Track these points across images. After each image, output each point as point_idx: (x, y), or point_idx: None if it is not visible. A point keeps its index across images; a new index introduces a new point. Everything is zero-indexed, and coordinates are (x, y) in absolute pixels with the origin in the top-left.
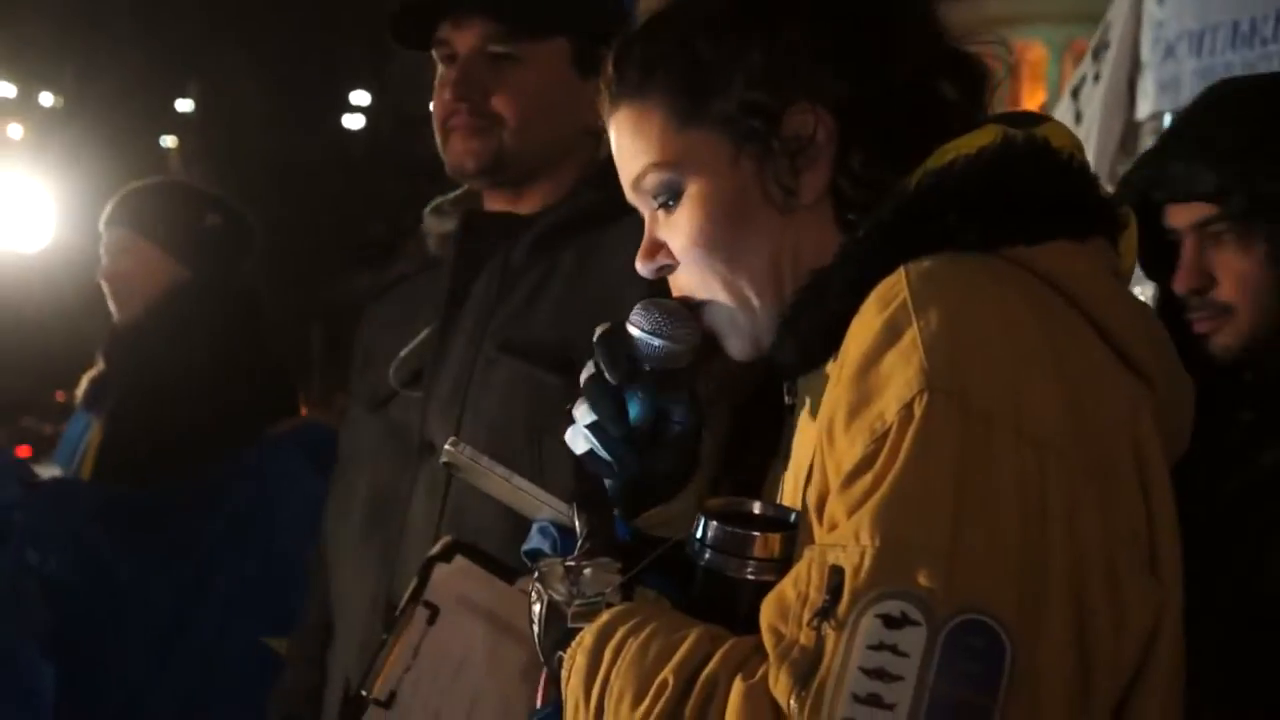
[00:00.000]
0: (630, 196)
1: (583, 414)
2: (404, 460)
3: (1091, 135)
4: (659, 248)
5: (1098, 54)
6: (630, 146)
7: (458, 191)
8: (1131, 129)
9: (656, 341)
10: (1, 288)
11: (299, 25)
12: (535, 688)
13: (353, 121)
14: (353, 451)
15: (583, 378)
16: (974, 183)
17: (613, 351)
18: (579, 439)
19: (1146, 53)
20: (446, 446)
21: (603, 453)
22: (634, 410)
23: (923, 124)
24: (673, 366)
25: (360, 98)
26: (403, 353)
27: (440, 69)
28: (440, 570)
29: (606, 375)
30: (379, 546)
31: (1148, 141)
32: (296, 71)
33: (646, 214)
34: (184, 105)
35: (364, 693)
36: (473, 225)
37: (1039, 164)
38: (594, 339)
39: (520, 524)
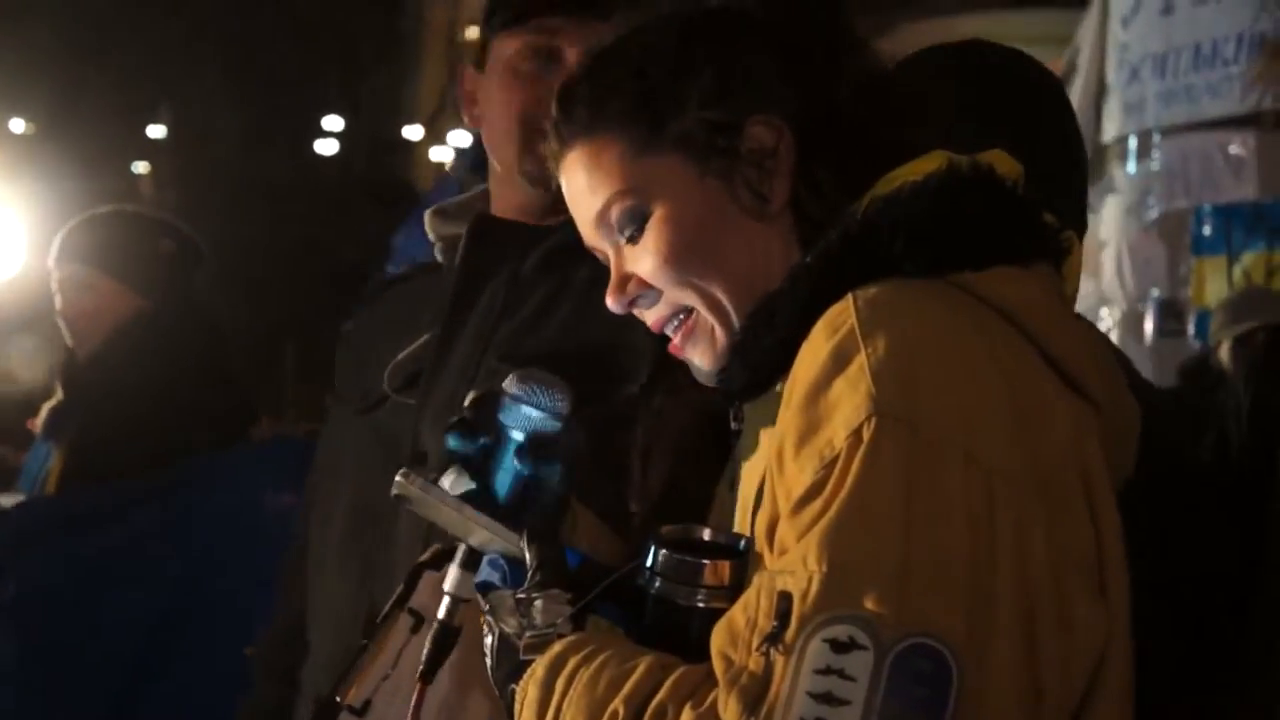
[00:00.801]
0: (590, 238)
1: (453, 483)
2: (392, 468)
3: None
4: (628, 280)
5: (1067, 78)
6: (587, 184)
7: (463, 195)
8: (1098, 151)
9: (533, 412)
10: None
11: (272, 51)
12: None
13: (325, 146)
14: (336, 456)
15: (447, 442)
16: (920, 209)
17: (486, 418)
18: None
19: (1112, 75)
20: (398, 478)
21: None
22: (504, 481)
23: (872, 139)
24: (546, 436)
25: (333, 123)
26: (399, 356)
27: (520, 59)
28: (429, 578)
29: (479, 438)
30: (362, 556)
31: (1114, 164)
32: (269, 96)
33: (610, 250)
34: (156, 131)
35: (338, 699)
36: (482, 232)
37: (983, 191)
38: (465, 403)
39: None
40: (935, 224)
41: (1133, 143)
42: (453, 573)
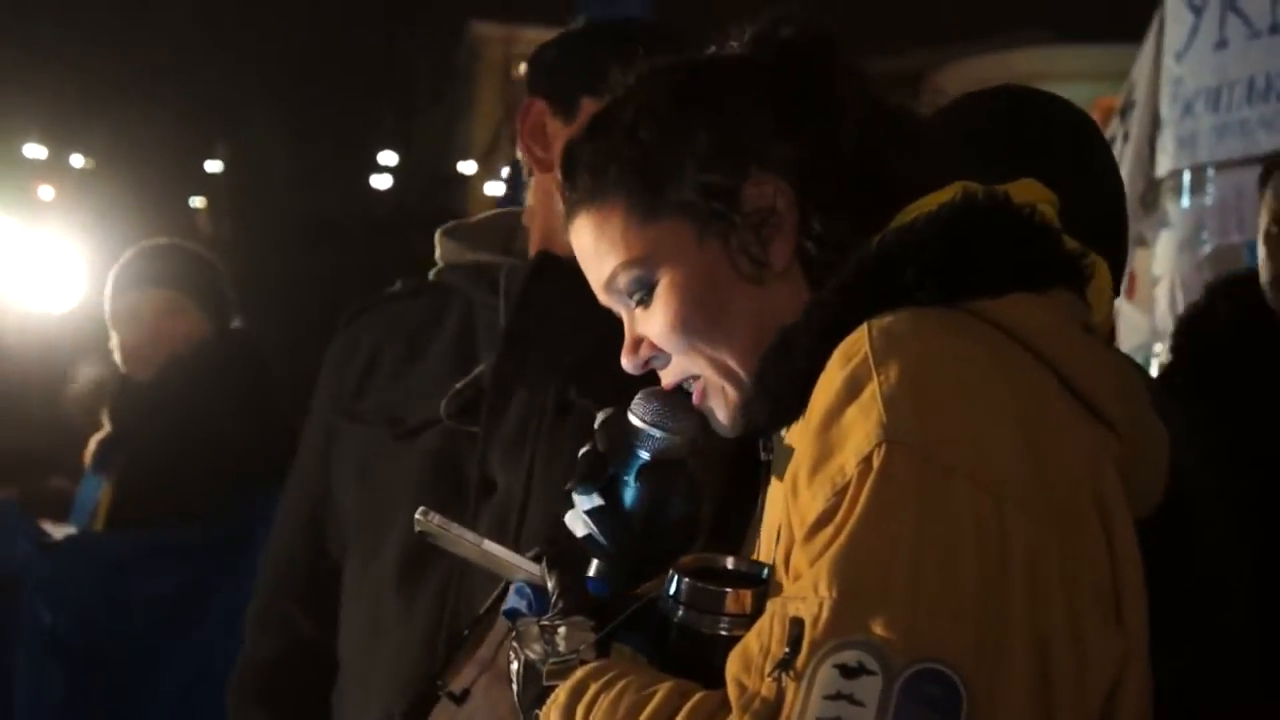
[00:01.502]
0: (603, 298)
1: (582, 500)
2: (458, 497)
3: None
4: (640, 342)
5: (1125, 113)
6: (594, 250)
7: (475, 219)
8: (1152, 186)
9: (656, 432)
10: (30, 347)
11: (327, 86)
12: None
13: (380, 181)
14: (384, 488)
15: (582, 463)
16: (932, 239)
17: (613, 439)
18: (578, 523)
19: (1166, 110)
20: (417, 516)
21: (601, 539)
22: (632, 497)
23: (879, 182)
24: (671, 456)
25: (388, 158)
26: (458, 385)
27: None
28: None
29: (608, 462)
30: (435, 586)
31: (1168, 199)
32: (325, 132)
33: (624, 313)
34: (213, 166)
35: (439, 684)
36: (545, 269)
37: (996, 219)
38: (595, 425)
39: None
40: (949, 252)
41: (1186, 177)
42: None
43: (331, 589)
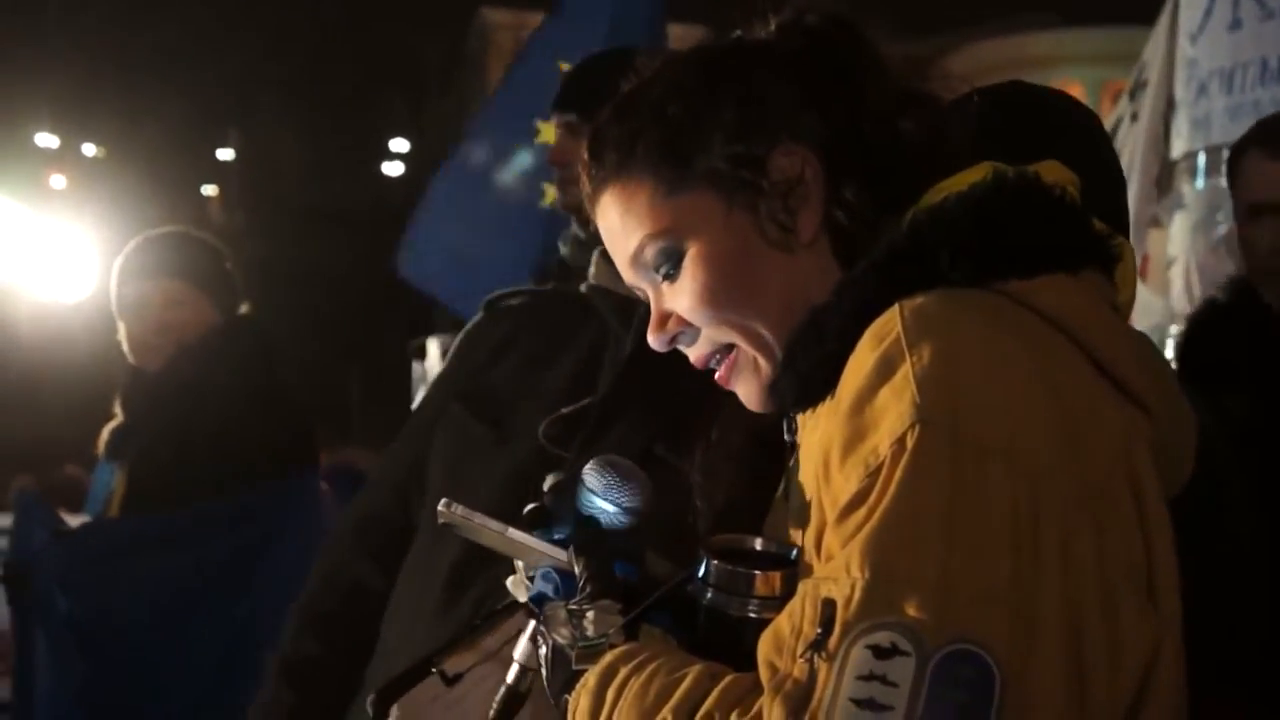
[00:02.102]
0: (629, 277)
1: (522, 570)
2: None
3: (1132, 175)
4: (668, 317)
5: (1134, 94)
6: (621, 225)
7: None
8: (1167, 168)
9: (607, 506)
10: (44, 337)
11: (339, 74)
12: None
13: (392, 169)
14: (467, 481)
15: (516, 536)
16: (964, 219)
17: (563, 503)
18: (520, 589)
19: (1180, 91)
20: (440, 508)
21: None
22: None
23: (905, 158)
24: (621, 527)
25: (400, 145)
26: (565, 410)
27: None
28: None
29: (555, 526)
30: (476, 596)
31: (1183, 180)
32: (336, 119)
33: (650, 289)
34: (225, 154)
35: (434, 661)
36: None
37: (1028, 200)
38: (544, 489)
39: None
40: (980, 233)
41: (1201, 159)
42: (522, 643)
43: (406, 549)
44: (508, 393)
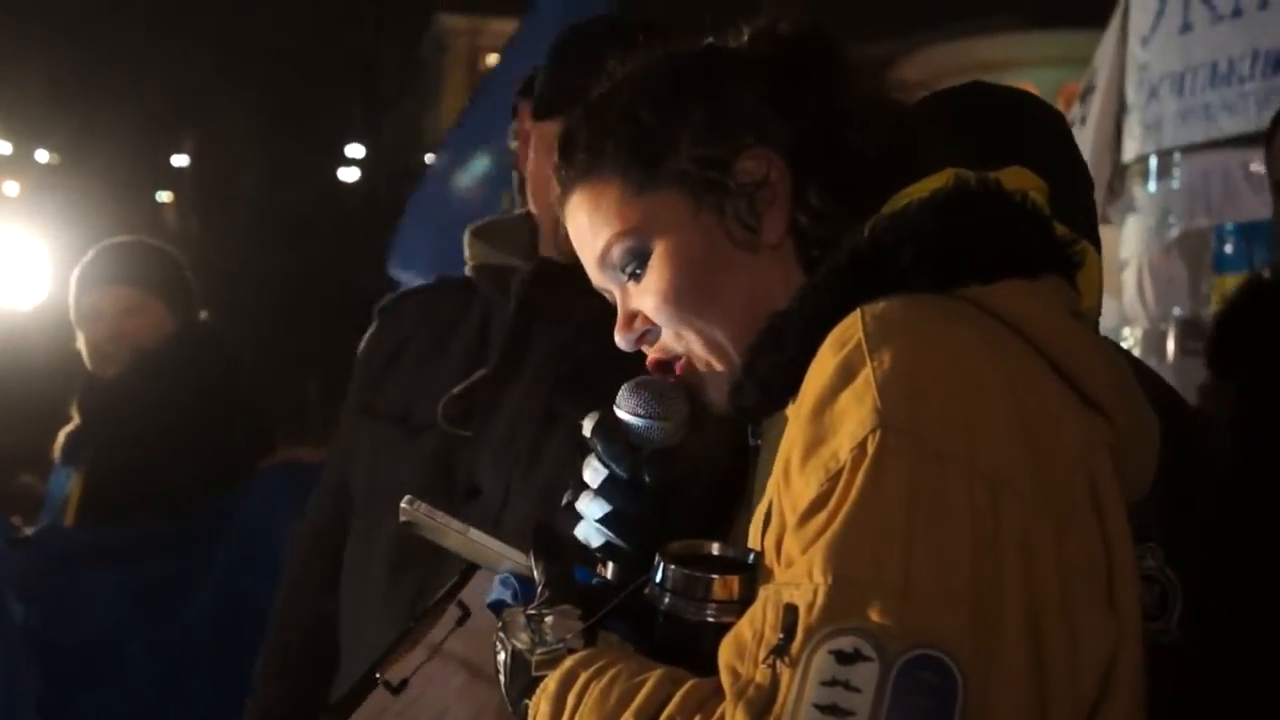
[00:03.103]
0: (597, 279)
1: (593, 509)
2: (446, 500)
3: None
4: (634, 316)
5: (1084, 97)
6: (590, 225)
7: (504, 219)
8: (1119, 171)
9: (651, 424)
10: None
11: (294, 80)
12: None
13: (347, 174)
14: (384, 481)
15: (585, 471)
16: (926, 225)
17: (612, 442)
18: (593, 534)
19: (1132, 95)
20: (403, 505)
21: (621, 543)
22: (641, 495)
23: (871, 164)
24: (669, 444)
25: (355, 150)
26: (455, 390)
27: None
28: (481, 575)
29: (615, 469)
30: (414, 585)
31: (1135, 183)
32: (292, 125)
33: (617, 290)
34: (179, 160)
35: (377, 674)
36: (543, 276)
37: (989, 205)
38: (587, 431)
39: None
40: (941, 238)
41: (1153, 162)
42: None
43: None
44: (410, 389)
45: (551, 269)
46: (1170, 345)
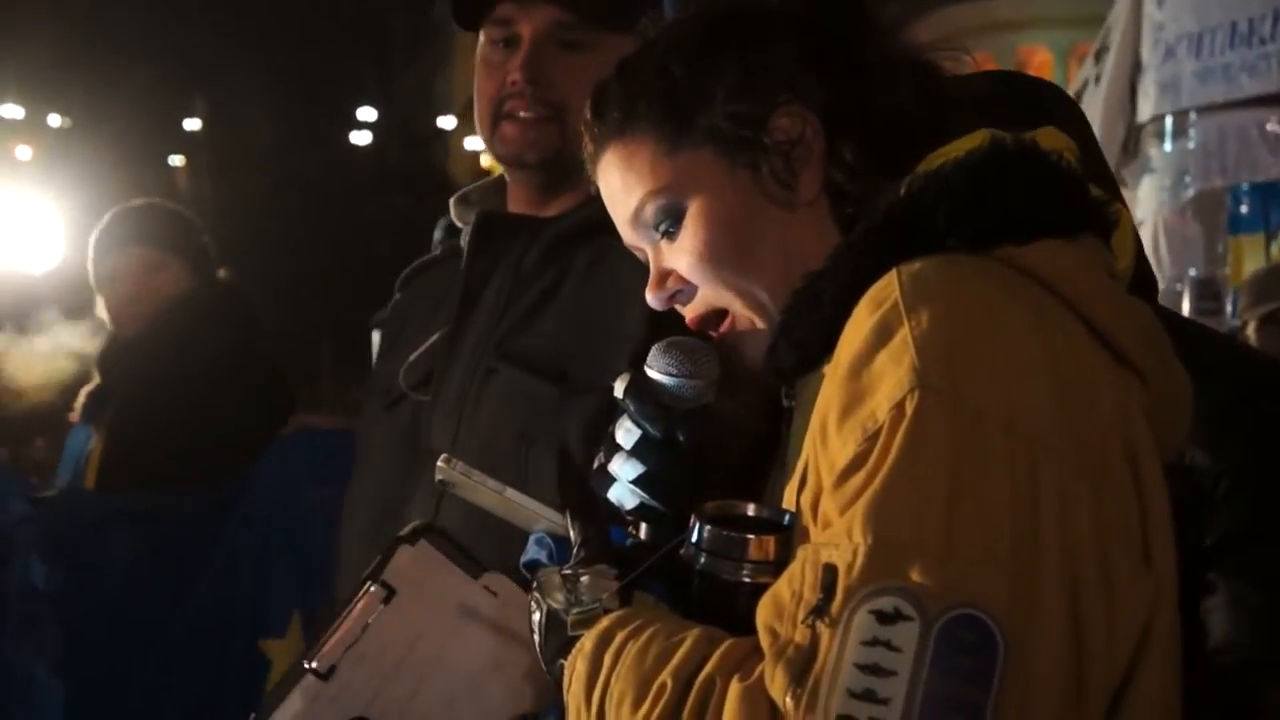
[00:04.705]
0: (629, 237)
1: (627, 470)
2: (409, 465)
3: None
4: (667, 275)
5: (1099, 57)
6: (623, 184)
7: (484, 181)
8: (1133, 131)
9: (683, 383)
10: (10, 307)
11: (306, 43)
12: (483, 684)
13: (359, 138)
14: (365, 451)
15: (617, 433)
16: (962, 184)
17: (644, 402)
18: (627, 495)
19: (1147, 55)
20: (440, 463)
21: (656, 504)
22: (675, 454)
23: (904, 122)
24: (701, 403)
25: (367, 114)
26: (413, 356)
27: (489, 51)
28: (404, 552)
29: (648, 429)
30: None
31: (1150, 143)
32: (303, 89)
33: (649, 249)
34: (192, 124)
35: (305, 663)
36: (488, 226)
37: (1026, 165)
38: (620, 391)
39: (505, 538)
40: (978, 198)
41: (1169, 122)
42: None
43: None
44: (394, 363)
45: (490, 220)
46: (1186, 305)
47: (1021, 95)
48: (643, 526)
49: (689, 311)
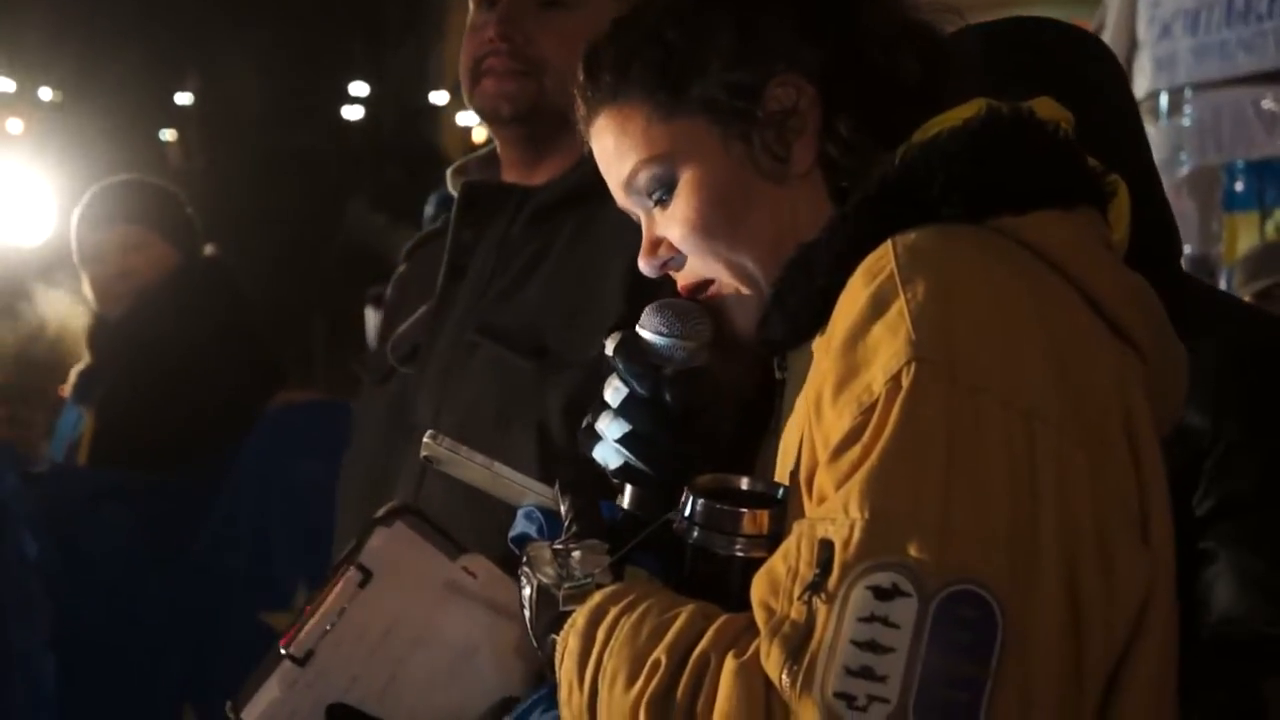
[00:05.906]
0: (622, 202)
1: (613, 428)
2: (396, 440)
3: None
4: (659, 243)
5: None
6: (616, 149)
7: (481, 151)
8: None
9: (673, 342)
10: (1, 282)
11: (297, 16)
12: (467, 664)
13: (352, 112)
14: (359, 426)
15: (606, 391)
16: (957, 154)
17: (633, 360)
18: (611, 454)
19: (1143, 31)
20: (425, 439)
21: (640, 465)
22: (662, 415)
23: (901, 92)
24: (692, 365)
25: (359, 89)
26: (400, 329)
27: (474, 13)
28: (379, 534)
29: (635, 387)
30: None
31: (1146, 120)
32: (295, 63)
33: (643, 215)
34: (183, 98)
35: (281, 649)
36: (473, 197)
37: (1022, 135)
38: (610, 350)
39: (483, 516)
40: (973, 168)
41: (1164, 99)
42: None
43: None
44: (388, 339)
45: (476, 190)
46: None
47: (1027, 55)
48: (627, 489)
49: (681, 279)
